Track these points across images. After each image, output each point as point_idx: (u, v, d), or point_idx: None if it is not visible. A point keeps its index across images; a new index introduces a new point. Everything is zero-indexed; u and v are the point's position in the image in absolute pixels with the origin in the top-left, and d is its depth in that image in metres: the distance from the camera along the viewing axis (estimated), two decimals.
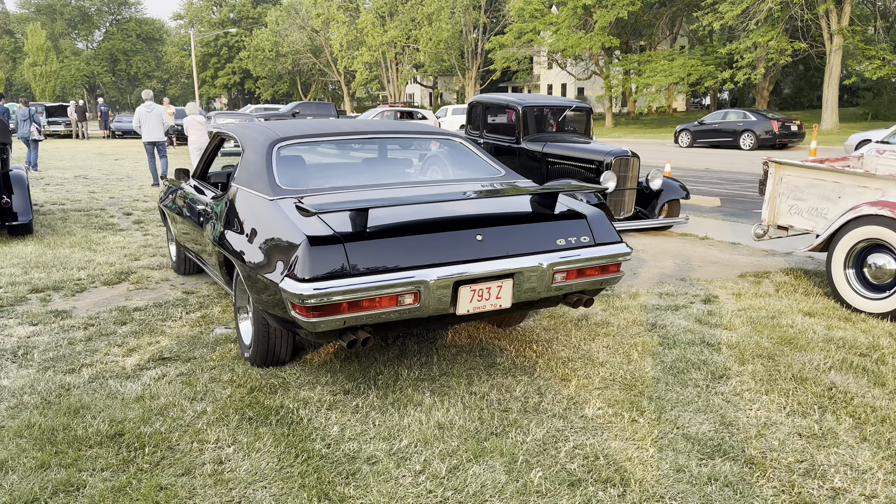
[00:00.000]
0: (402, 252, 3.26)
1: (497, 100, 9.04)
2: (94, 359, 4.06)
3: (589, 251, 3.64)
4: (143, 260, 6.71)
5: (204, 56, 74.50)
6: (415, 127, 4.71)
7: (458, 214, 3.52)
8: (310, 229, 3.26)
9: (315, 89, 68.06)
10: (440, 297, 3.27)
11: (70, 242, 7.43)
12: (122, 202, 10.73)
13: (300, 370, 3.86)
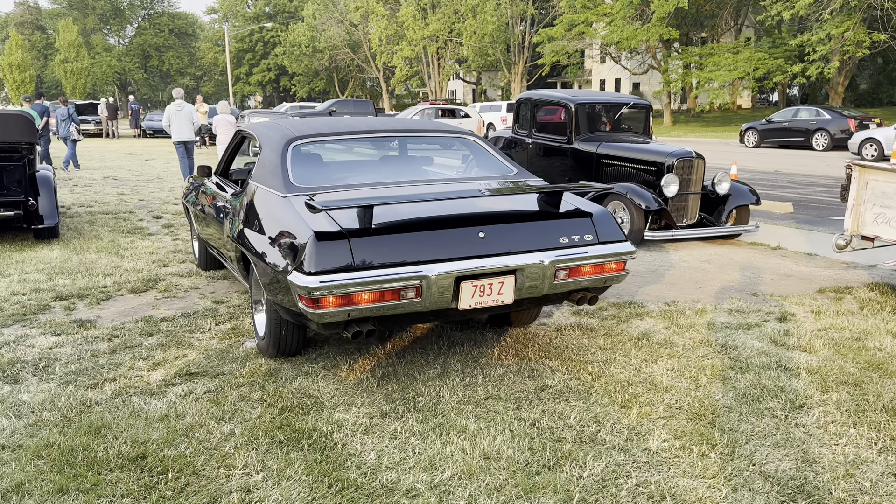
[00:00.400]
0: (405, 248, 3.63)
1: (547, 96, 8.95)
2: (117, 373, 4.06)
3: (592, 249, 3.96)
4: (171, 266, 6.77)
5: (238, 52, 75.94)
6: (429, 126, 5.14)
7: (461, 212, 3.88)
8: (317, 225, 3.65)
9: (353, 86, 68.75)
10: (442, 291, 3.63)
11: (97, 247, 7.55)
12: (151, 205, 10.91)
13: (334, 389, 3.80)
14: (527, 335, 4.64)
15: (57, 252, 7.31)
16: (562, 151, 8.46)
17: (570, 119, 8.32)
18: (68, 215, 9.80)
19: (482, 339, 4.56)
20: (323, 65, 64.16)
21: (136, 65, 78.87)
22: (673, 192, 7.42)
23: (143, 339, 4.65)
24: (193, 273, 6.48)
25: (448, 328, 4.81)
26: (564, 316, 5.15)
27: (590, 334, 4.69)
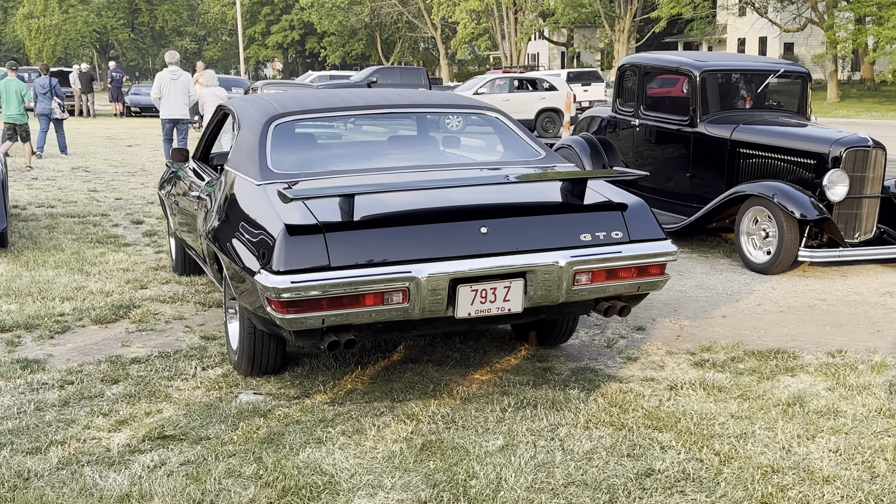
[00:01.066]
0: (391, 244, 4.01)
1: (661, 61, 8.83)
2: (67, 433, 4.07)
3: (620, 249, 4.25)
4: (151, 289, 6.86)
5: (253, 5, 77.93)
6: (444, 100, 5.60)
7: (461, 203, 4.25)
8: (291, 217, 4.02)
9: (401, 49, 69.51)
10: (434, 296, 3.98)
11: (56, 261, 7.71)
12: (131, 205, 11.14)
13: (355, 463, 3.72)
14: (627, 395, 4.49)
15: (3, 267, 7.48)
16: (682, 137, 8.31)
17: (693, 92, 8.18)
18: (22, 217, 10.07)
19: (563, 397, 4.42)
20: (362, 21, 65.07)
21: (121, 21, 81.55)
22: (840, 194, 7.21)
23: (105, 388, 4.67)
24: (179, 298, 6.53)
25: (514, 380, 4.69)
26: (682, 368, 4.98)
27: (718, 395, 4.51)
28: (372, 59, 71.13)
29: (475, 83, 25.82)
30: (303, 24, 74.96)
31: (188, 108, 13.62)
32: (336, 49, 71.30)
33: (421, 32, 67.52)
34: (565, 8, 47.93)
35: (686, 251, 8.26)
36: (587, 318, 5.99)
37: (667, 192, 8.54)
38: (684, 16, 42.55)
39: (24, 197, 11.77)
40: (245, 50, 74.91)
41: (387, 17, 64.86)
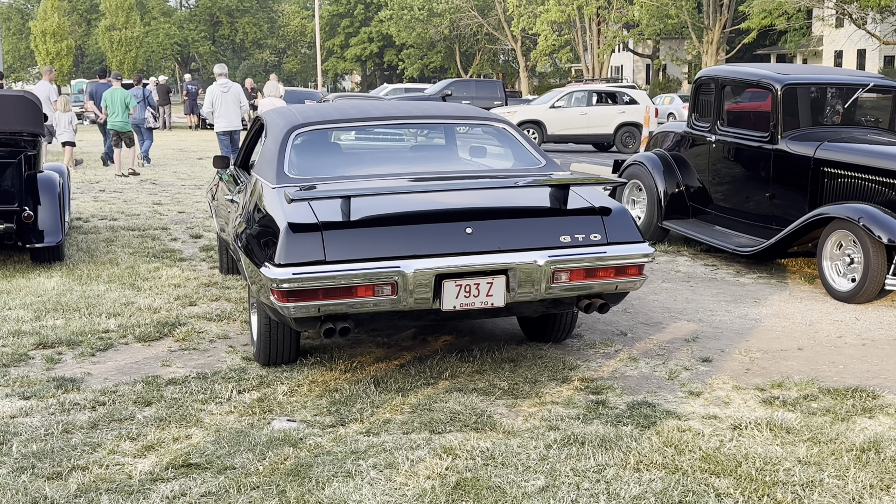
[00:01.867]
0: (382, 242, 4.60)
1: (741, 74, 8.54)
2: (91, 458, 4.01)
3: (598, 250, 4.78)
4: (199, 305, 6.84)
5: (332, 17, 78.94)
6: (453, 111, 6.24)
7: (448, 206, 4.89)
8: (293, 216, 4.65)
9: (479, 61, 69.56)
10: (420, 290, 4.55)
11: (108, 275, 7.76)
12: (192, 219, 11.23)
13: (382, 499, 3.57)
14: (684, 434, 4.24)
15: (56, 280, 7.55)
16: (761, 154, 7.99)
17: (775, 107, 7.86)
18: (83, 230, 10.21)
19: (614, 434, 4.19)
20: (441, 33, 65.34)
21: (202, 34, 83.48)
22: None
23: (136, 410, 4.61)
24: (226, 316, 6.49)
25: (563, 413, 4.48)
26: (749, 406, 4.70)
27: (785, 437, 4.23)
28: (450, 72, 71.28)
29: (552, 96, 25.57)
30: (381, 37, 75.57)
31: (240, 118, 14.03)
32: (414, 61, 71.69)
33: (501, 44, 67.46)
34: (651, 19, 47.27)
35: (764, 276, 7.92)
36: (646, 345, 5.75)
37: (744, 212, 8.22)
38: (777, 27, 41.60)
39: (88, 209, 11.96)
40: (323, 62, 75.99)
41: (466, 30, 64.99)
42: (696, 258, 8.69)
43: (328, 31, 79.47)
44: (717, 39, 46.07)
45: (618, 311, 6.69)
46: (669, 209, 8.93)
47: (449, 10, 62.53)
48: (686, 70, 57.12)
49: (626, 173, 9.59)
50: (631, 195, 9.57)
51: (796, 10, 39.42)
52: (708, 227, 8.61)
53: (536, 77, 71.40)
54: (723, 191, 8.54)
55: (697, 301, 7.03)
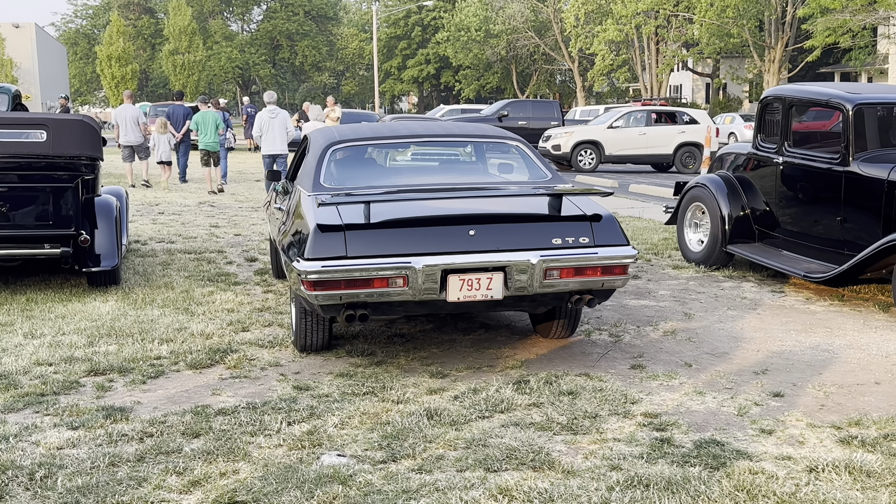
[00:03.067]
0: (397, 241, 5.34)
1: (809, 94, 8.23)
2: (136, 494, 3.88)
3: (585, 251, 5.46)
4: (252, 331, 6.73)
5: (389, 40, 79.44)
6: (472, 130, 7.31)
7: (455, 211, 5.65)
8: (322, 219, 5.43)
9: (536, 82, 69.36)
10: (428, 282, 5.26)
11: (163, 300, 7.70)
12: (249, 242, 11.19)
13: None
14: (757, 477, 3.97)
15: (111, 305, 7.51)
16: (832, 176, 7.66)
17: (846, 127, 7.53)
18: (141, 253, 10.21)
19: (681, 476, 3.94)
20: (498, 54, 65.31)
21: (263, 57, 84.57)
22: None
23: (184, 442, 4.48)
24: (278, 342, 6.37)
25: (626, 451, 4.24)
26: (825, 445, 4.42)
27: (866, 482, 3.94)
28: (507, 92, 71.20)
29: (610, 116, 25.25)
30: (438, 58, 75.81)
31: (286, 144, 14.86)
32: (471, 82, 71.74)
33: (558, 65, 67.23)
34: (710, 38, 46.65)
35: (835, 304, 7.59)
36: (712, 377, 5.48)
37: (814, 236, 7.89)
38: (841, 45, 40.75)
39: (146, 232, 12.00)
40: (381, 84, 76.49)
41: (523, 50, 64.88)
42: (763, 284, 8.37)
43: (386, 54, 79.96)
44: (779, 58, 45.33)
45: (682, 339, 6.44)
46: (734, 233, 8.63)
47: (506, 30, 62.46)
48: (747, 89, 56.35)
49: (688, 196, 9.31)
50: (693, 218, 9.28)
51: (861, 28, 38.61)
52: (775, 252, 8.29)
53: (594, 97, 71.00)
54: (790, 214, 8.23)
55: (766, 330, 6.73)
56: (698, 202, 9.11)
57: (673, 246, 10.26)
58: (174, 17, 66.95)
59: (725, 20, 44.12)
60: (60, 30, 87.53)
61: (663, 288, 8.25)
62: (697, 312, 7.29)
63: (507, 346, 6.33)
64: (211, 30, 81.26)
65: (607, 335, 6.62)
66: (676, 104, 50.89)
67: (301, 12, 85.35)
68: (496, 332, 6.74)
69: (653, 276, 8.82)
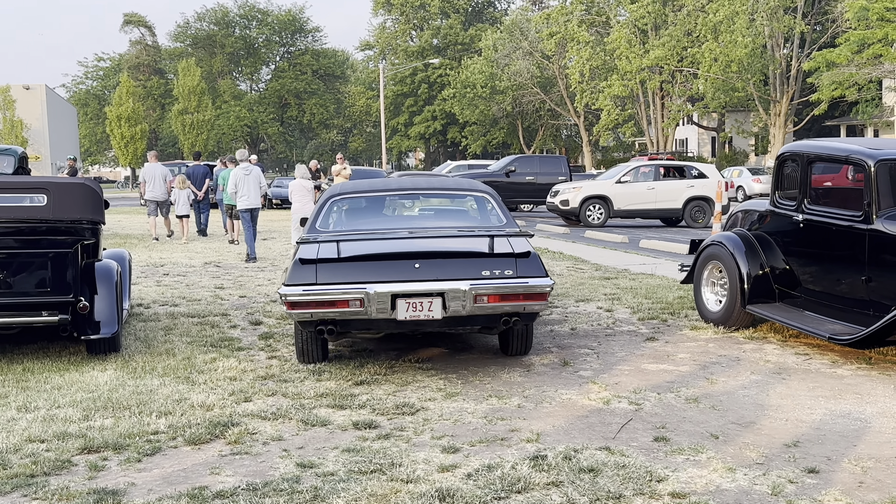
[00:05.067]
0: (357, 272, 6.86)
1: (828, 150, 8.01)
2: None
3: (509, 281, 6.80)
4: (255, 401, 6.44)
5: (396, 97, 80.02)
6: (452, 184, 9.48)
7: (406, 249, 7.15)
8: (302, 254, 7.06)
9: (542, 137, 69.61)
10: (380, 304, 6.69)
11: (164, 368, 7.43)
12: (254, 304, 10.92)
13: None
14: None
15: (110, 374, 7.24)
16: (855, 234, 7.38)
17: (868, 184, 7.27)
18: (143, 317, 9.95)
19: None
20: (504, 110, 65.66)
21: (271, 115, 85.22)
22: None
23: None
24: (282, 414, 6.07)
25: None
26: None
27: None
28: (513, 147, 71.45)
29: (618, 171, 25.10)
30: (445, 115, 76.24)
31: (259, 198, 16.44)
32: (477, 138, 72.01)
33: (564, 119, 67.52)
34: (716, 92, 46.87)
35: (863, 367, 7.26)
36: (741, 450, 5.14)
37: (837, 296, 7.59)
38: (847, 98, 40.79)
39: (150, 294, 11.74)
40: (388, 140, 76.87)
41: (528, 106, 65.22)
42: (786, 346, 8.06)
43: (393, 111, 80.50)
44: (784, 112, 45.42)
45: (705, 407, 6.12)
46: (754, 292, 8.33)
47: (511, 87, 62.86)
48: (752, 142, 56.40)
49: (704, 254, 9.04)
50: (711, 277, 8.99)
51: (867, 81, 38.62)
52: (797, 312, 7.99)
53: (600, 151, 71.17)
54: (812, 273, 7.94)
55: (793, 397, 6.40)
56: (715, 260, 8.83)
57: (689, 305, 9.96)
58: (183, 78, 67.55)
59: (730, 75, 44.30)
60: (71, 91, 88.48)
61: (682, 350, 7.94)
62: (720, 377, 6.97)
63: (519, 416, 6.02)
64: (220, 89, 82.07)
65: (627, 403, 6.31)
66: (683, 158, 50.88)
67: (309, 71, 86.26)
68: (508, 399, 6.43)
69: (670, 337, 8.51)
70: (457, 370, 7.36)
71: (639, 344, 8.27)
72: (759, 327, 8.72)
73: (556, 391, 6.67)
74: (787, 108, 45.84)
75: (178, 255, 16.91)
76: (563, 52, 57.48)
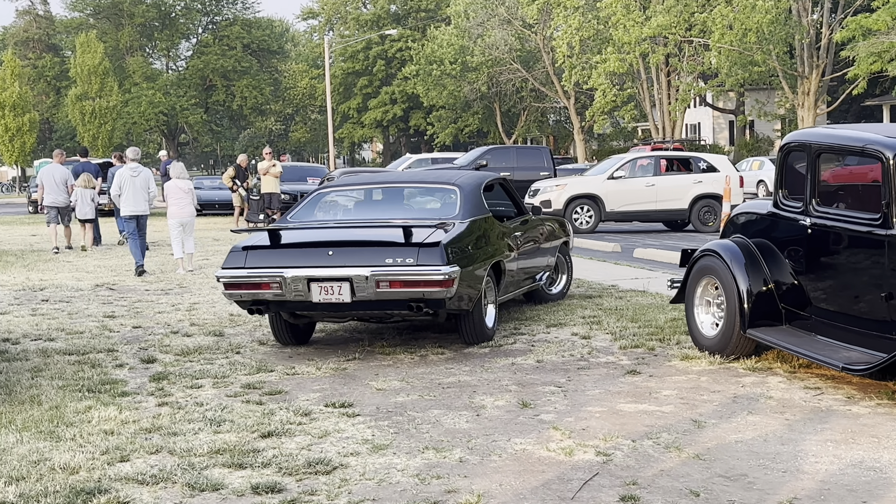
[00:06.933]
0: (279, 259, 9.30)
1: (839, 139, 8.13)
2: None
3: (407, 269, 8.83)
4: (134, 461, 6.37)
5: (346, 76, 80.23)
6: (431, 177, 12.42)
7: (323, 238, 9.68)
8: (247, 242, 9.70)
9: (525, 123, 69.92)
10: (296, 287, 8.99)
11: (23, 420, 7.32)
12: (149, 336, 10.83)
13: None
14: None
15: None
16: (872, 241, 7.45)
17: (887, 180, 7.31)
18: (7, 356, 9.84)
19: None
20: (478, 91, 65.89)
21: (193, 100, 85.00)
22: None
23: None
24: (165, 477, 5.99)
25: None
26: None
27: None
28: (490, 136, 71.70)
29: (610, 165, 25.19)
30: (406, 97, 76.40)
31: (148, 203, 17.21)
32: (446, 125, 72.23)
33: (550, 102, 67.77)
34: (732, 67, 47.18)
35: (885, 403, 7.27)
36: None
37: (854, 317, 7.63)
38: (889, 73, 41.19)
39: (21, 326, 11.60)
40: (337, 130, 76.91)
41: (507, 86, 65.42)
42: (794, 378, 8.08)
43: (342, 93, 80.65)
44: (814, 90, 45.84)
45: (688, 458, 6.11)
46: (756, 313, 8.34)
47: (486, 62, 63.07)
48: (779, 127, 56.92)
49: (697, 267, 9.05)
50: (705, 295, 9.00)
51: None
52: (807, 337, 8.01)
53: (595, 139, 71.54)
54: (824, 289, 7.97)
55: (796, 442, 6.40)
56: (710, 275, 8.84)
57: (682, 329, 9.97)
58: (82, 56, 67.04)
59: (748, 46, 44.58)
60: None
61: (668, 386, 7.94)
62: (710, 419, 6.96)
63: (460, 473, 5.96)
64: (129, 69, 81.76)
65: (594, 453, 6.29)
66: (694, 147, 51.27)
67: (239, 46, 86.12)
68: (448, 451, 6.38)
69: (656, 370, 8.51)
70: (390, 416, 7.30)
71: (617, 379, 8.27)
72: (763, 355, 8.76)
73: (509, 440, 6.63)
74: (817, 85, 46.24)
75: (64, 275, 16.77)
76: (548, 20, 57.78)
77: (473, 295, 9.40)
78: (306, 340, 10.23)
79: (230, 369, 8.97)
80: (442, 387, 8.13)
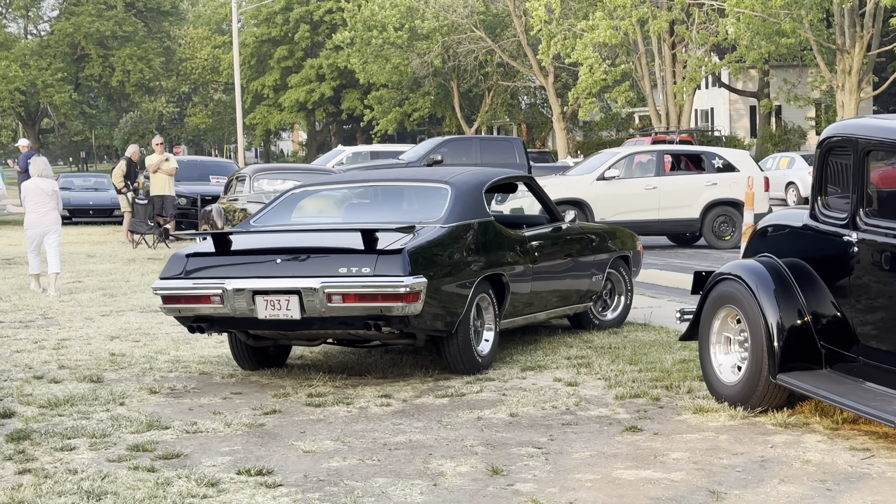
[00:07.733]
0: (222, 268, 10.20)
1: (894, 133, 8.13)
2: None
3: (362, 280, 9.42)
4: None
5: (260, 45, 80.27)
6: (417, 175, 14.37)
7: (273, 245, 10.59)
8: (193, 248, 11.02)
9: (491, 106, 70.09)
10: (240, 301, 9.72)
11: None
12: (6, 381, 10.83)
13: None
14: None
15: None
16: None
17: None
18: None
19: None
20: (430, 65, 66.02)
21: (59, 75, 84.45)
22: None
23: None
24: None
25: None
26: None
27: None
28: (446, 124, 71.88)
29: (601, 162, 25.33)
30: (337, 73, 76.42)
31: None
32: (388, 109, 72.24)
33: (523, 80, 68.08)
34: (754, 37, 47.59)
35: None
36: None
37: None
38: None
39: None
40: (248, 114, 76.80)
41: (468, 59, 65.57)
42: (837, 436, 8.22)
43: (255, 67, 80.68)
44: (857, 68, 46.38)
45: None
46: (788, 354, 8.46)
47: (441, 29, 63.27)
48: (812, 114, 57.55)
49: (714, 295, 9.18)
50: (724, 330, 9.13)
51: None
52: (853, 384, 8.15)
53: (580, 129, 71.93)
54: (875, 323, 8.12)
55: None
56: (730, 305, 8.97)
57: (695, 374, 10.09)
58: None
59: (773, 12, 44.96)
60: None
61: (678, 447, 8.04)
62: (731, 490, 7.05)
63: None
64: None
65: None
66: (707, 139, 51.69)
67: (120, 4, 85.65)
68: None
69: (662, 426, 8.61)
70: (322, 486, 7.32)
71: (612, 438, 8.35)
72: (796, 407, 8.90)
73: None
74: (860, 62, 46.79)
75: None
76: None
77: (454, 314, 10.03)
78: (281, 363, 11.33)
79: (112, 426, 8.89)
80: (388, 448, 8.15)
